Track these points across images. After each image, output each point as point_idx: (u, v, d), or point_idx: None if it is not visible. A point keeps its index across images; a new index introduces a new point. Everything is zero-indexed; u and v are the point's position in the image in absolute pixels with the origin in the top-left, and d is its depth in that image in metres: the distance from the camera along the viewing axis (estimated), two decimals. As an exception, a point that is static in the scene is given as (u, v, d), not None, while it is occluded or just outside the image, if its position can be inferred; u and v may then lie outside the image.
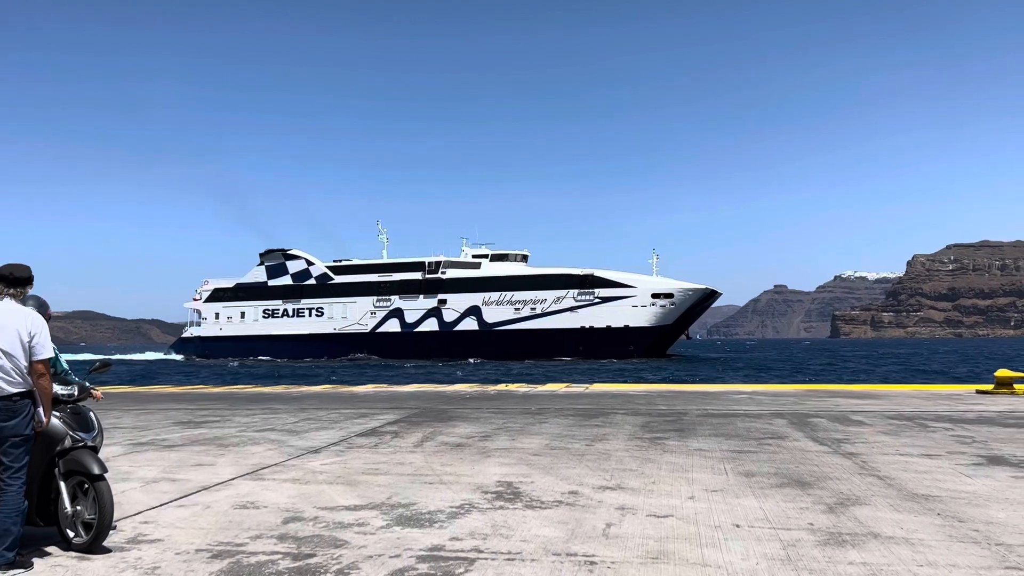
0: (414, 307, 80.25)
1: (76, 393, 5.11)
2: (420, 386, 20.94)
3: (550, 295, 75.72)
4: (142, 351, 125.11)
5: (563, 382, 25.05)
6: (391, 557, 4.78)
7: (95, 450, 5.06)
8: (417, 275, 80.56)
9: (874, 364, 63.19)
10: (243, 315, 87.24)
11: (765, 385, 20.44)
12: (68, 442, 4.94)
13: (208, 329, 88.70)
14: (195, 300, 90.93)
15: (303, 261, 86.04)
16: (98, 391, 5.33)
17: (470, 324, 78.22)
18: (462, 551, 4.88)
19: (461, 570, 4.49)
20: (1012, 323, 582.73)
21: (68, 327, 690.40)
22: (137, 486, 7.11)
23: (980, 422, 10.96)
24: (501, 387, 19.80)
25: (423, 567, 4.56)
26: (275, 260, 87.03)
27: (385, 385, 21.92)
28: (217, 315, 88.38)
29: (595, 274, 75.10)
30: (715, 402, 14.43)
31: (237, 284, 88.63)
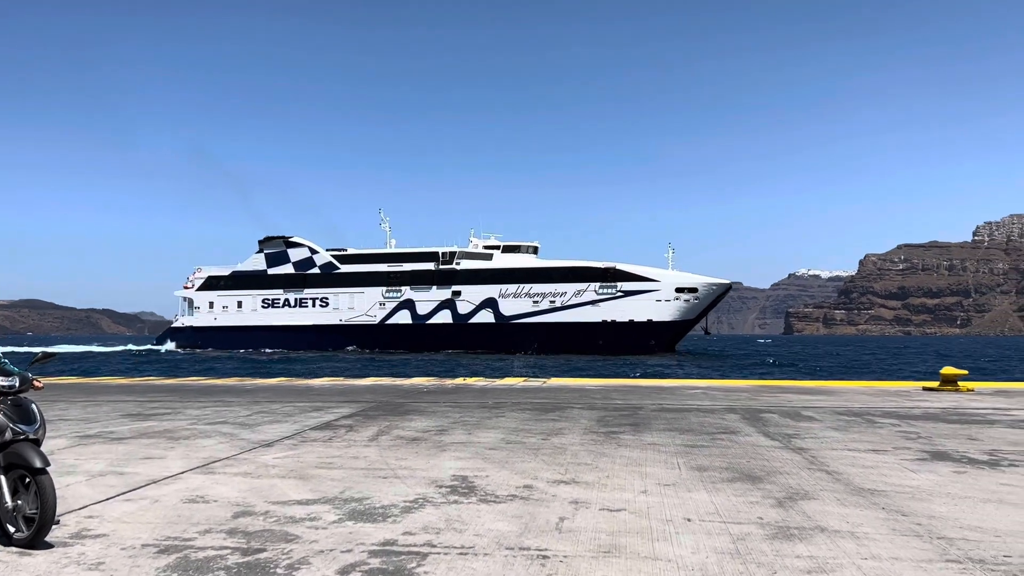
0: (427, 298, 77.44)
1: (17, 384, 4.97)
2: (376, 379, 20.81)
3: (571, 288, 73.57)
4: (89, 342, 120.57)
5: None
6: (342, 552, 4.74)
7: (37, 443, 4.93)
8: (430, 265, 77.64)
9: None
10: (240, 304, 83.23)
11: (719, 380, 20.71)
12: (8, 435, 4.80)
13: (201, 319, 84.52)
14: (186, 288, 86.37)
15: (306, 249, 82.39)
16: (40, 381, 5.19)
17: (486, 316, 75.79)
18: (415, 545, 4.86)
19: (413, 564, 4.47)
20: (958, 322, 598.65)
21: (14, 316, 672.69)
22: (83, 480, 6.95)
23: (925, 418, 11.24)
24: (459, 381, 19.77)
25: (375, 562, 4.54)
26: (276, 248, 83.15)
27: (341, 378, 21.74)
28: (211, 304, 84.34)
29: (617, 267, 73.15)
30: (670, 397, 14.58)
31: (234, 272, 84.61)
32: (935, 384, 16.16)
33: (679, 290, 71.98)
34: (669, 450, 8.46)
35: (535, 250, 79.61)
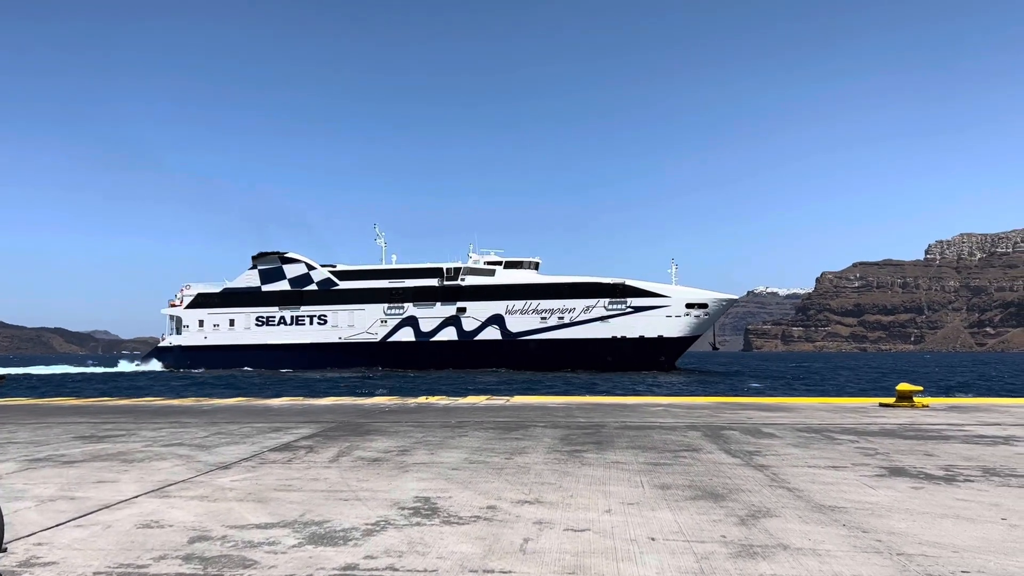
0: (430, 315, 76.11)
1: None
2: (337, 399, 20.57)
3: (579, 304, 72.99)
4: (49, 363, 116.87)
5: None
6: (302, 577, 4.64)
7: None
8: (433, 281, 76.30)
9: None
10: (232, 323, 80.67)
11: (681, 397, 20.84)
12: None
13: (190, 338, 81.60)
14: (173, 306, 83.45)
15: (303, 265, 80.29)
16: None
17: (492, 333, 74.73)
18: (377, 569, 4.78)
19: (375, 589, 4.39)
20: (912, 338, 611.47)
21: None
22: (32, 505, 6.73)
23: (883, 434, 11.40)
24: (421, 400, 19.62)
25: (336, 587, 4.44)
26: (271, 264, 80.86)
27: (301, 398, 21.46)
28: (201, 322, 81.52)
29: (626, 283, 72.86)
30: (632, 414, 14.62)
31: (225, 289, 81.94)
32: (891, 400, 16.43)
33: (689, 305, 71.93)
34: (632, 468, 8.46)
35: (536, 266, 79.00)
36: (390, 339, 77.17)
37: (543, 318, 74.26)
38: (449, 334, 76.11)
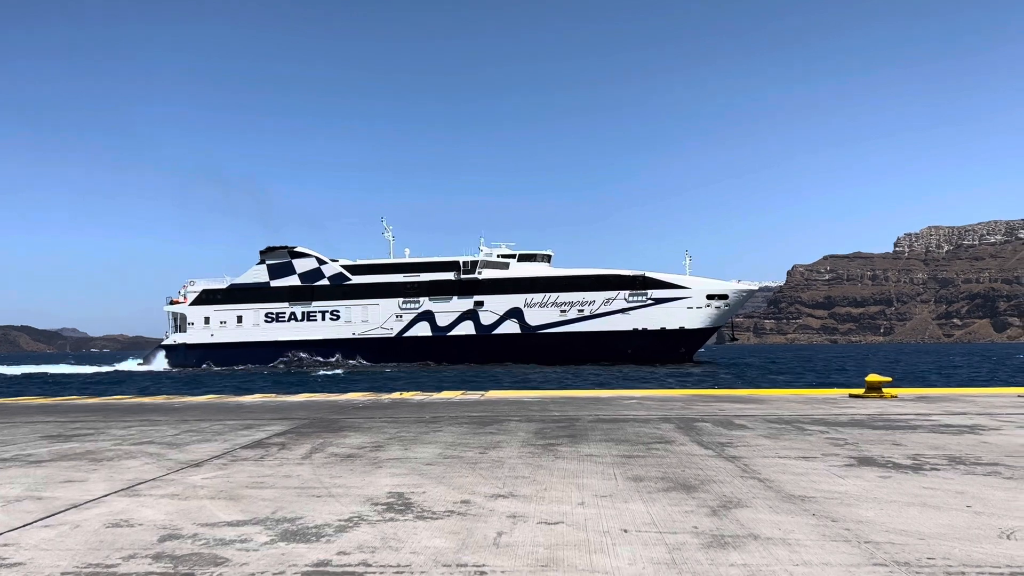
0: (447, 309, 75.22)
1: None
2: (310, 395, 20.45)
3: (599, 296, 72.59)
4: (19, 362, 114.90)
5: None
6: (274, 574, 4.61)
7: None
8: (450, 275, 75.39)
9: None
10: (240, 319, 78.81)
11: (653, 390, 20.97)
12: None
13: (196, 335, 79.75)
14: (177, 303, 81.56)
15: (313, 260, 78.66)
16: None
17: (511, 327, 74.11)
18: (349, 565, 4.76)
19: (348, 585, 4.38)
20: (882, 330, 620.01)
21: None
22: (-3, 506, 6.63)
23: (852, 425, 11.56)
24: (395, 395, 19.57)
25: (308, 583, 4.43)
26: (280, 259, 79.15)
27: (273, 395, 21.31)
28: (207, 319, 79.73)
29: (646, 275, 72.62)
30: (606, 408, 14.69)
31: (232, 285, 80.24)
32: (861, 391, 16.66)
33: (710, 297, 71.96)
34: (606, 461, 8.51)
35: (549, 258, 78.49)
36: (406, 334, 76.13)
37: (563, 311, 73.70)
38: (466, 328, 75.33)
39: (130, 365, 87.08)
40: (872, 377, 16.72)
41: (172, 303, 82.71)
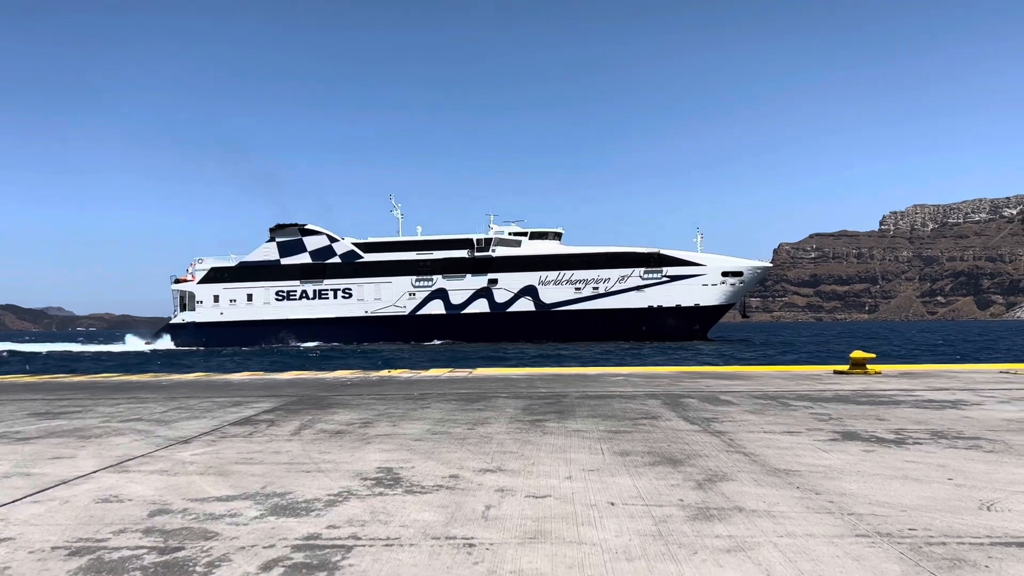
0: (460, 287, 74.56)
1: None
2: (298, 373, 20.46)
3: (614, 274, 72.18)
4: (4, 339, 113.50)
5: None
6: (265, 547, 4.65)
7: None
8: (463, 253, 74.69)
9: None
10: (250, 297, 77.56)
11: (640, 368, 21.08)
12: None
13: (205, 314, 78.36)
14: (184, 281, 79.91)
15: (324, 237, 77.41)
16: None
17: (525, 305, 73.61)
18: (339, 538, 4.80)
19: (338, 558, 4.42)
20: (867, 308, 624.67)
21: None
22: (-14, 482, 6.63)
23: (836, 400, 11.69)
24: (384, 373, 19.60)
25: (298, 556, 4.46)
26: (290, 236, 77.79)
27: (261, 372, 21.30)
28: (216, 298, 78.35)
29: (661, 252, 72.21)
30: (593, 384, 14.77)
31: (241, 263, 78.82)
32: (845, 368, 16.82)
33: (725, 274, 71.75)
34: (593, 436, 8.58)
35: (559, 236, 77.96)
36: (419, 312, 75.47)
37: (577, 288, 73.30)
38: (480, 306, 74.81)
39: (137, 344, 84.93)
40: (856, 354, 16.87)
41: (178, 281, 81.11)
